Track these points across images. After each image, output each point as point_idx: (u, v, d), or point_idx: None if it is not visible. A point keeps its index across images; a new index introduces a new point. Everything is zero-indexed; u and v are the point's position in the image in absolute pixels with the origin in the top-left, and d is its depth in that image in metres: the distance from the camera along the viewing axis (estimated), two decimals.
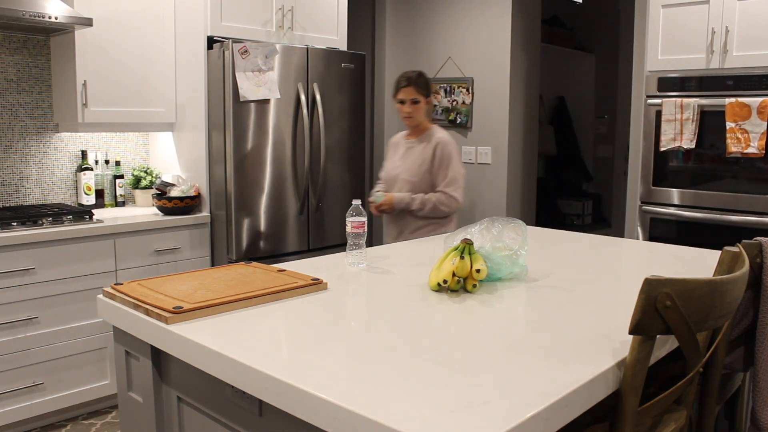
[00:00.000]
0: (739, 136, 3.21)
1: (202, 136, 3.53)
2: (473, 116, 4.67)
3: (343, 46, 4.02)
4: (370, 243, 3.05)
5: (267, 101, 3.49)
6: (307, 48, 3.65)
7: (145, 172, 3.76)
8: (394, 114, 5.13)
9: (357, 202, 2.15)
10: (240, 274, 1.89)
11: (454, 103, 4.74)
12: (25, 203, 3.47)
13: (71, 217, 3.13)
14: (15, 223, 2.95)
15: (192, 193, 3.49)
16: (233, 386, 1.34)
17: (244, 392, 1.31)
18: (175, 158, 3.75)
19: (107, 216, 3.36)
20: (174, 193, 3.44)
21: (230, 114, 3.37)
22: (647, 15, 3.62)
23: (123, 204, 3.75)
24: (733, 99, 3.23)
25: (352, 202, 2.15)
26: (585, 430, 1.37)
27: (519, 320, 1.62)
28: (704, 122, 3.37)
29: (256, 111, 3.46)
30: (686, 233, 3.49)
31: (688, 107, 3.38)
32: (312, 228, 3.77)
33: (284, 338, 1.44)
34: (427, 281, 1.90)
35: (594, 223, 5.92)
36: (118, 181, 3.72)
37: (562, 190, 6.02)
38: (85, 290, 3.11)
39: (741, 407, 2.01)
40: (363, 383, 1.18)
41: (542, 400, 1.10)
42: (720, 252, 1.51)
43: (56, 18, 2.99)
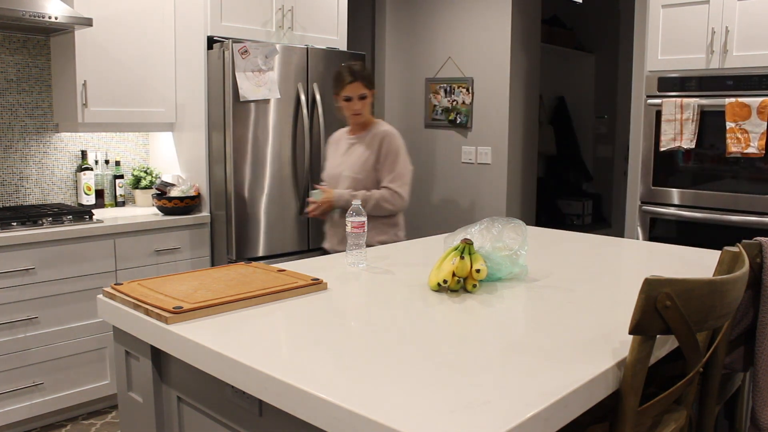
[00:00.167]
0: (739, 136, 3.21)
1: (202, 136, 3.53)
2: (473, 116, 4.67)
3: (343, 46, 4.02)
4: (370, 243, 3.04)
5: (267, 101, 3.49)
6: (307, 48, 3.65)
7: (145, 172, 3.76)
8: (395, 114, 5.13)
9: (357, 202, 2.15)
10: (240, 274, 1.89)
11: (454, 103, 4.74)
12: (25, 203, 3.47)
13: (71, 217, 3.13)
14: (15, 223, 2.95)
15: (192, 193, 3.49)
16: (233, 386, 1.34)
17: (244, 392, 1.31)
18: (175, 158, 3.75)
19: (107, 216, 3.36)
20: (174, 193, 3.44)
21: (230, 114, 3.37)
22: (647, 15, 3.62)
23: (123, 204, 3.75)
24: (733, 99, 3.23)
25: (353, 202, 2.15)
26: (585, 430, 1.37)
27: (519, 320, 1.62)
28: (704, 122, 3.37)
29: (256, 111, 3.46)
30: (686, 233, 3.49)
31: (688, 107, 3.38)
32: (312, 228, 3.77)
33: (284, 338, 1.44)
34: (427, 281, 1.90)
35: (594, 223, 5.92)
36: (118, 181, 3.72)
37: (562, 190, 6.02)
38: (85, 290, 3.11)
39: (741, 407, 2.01)
40: (363, 383, 1.18)
41: (542, 400, 1.10)
42: (720, 252, 1.51)
43: (56, 18, 2.99)
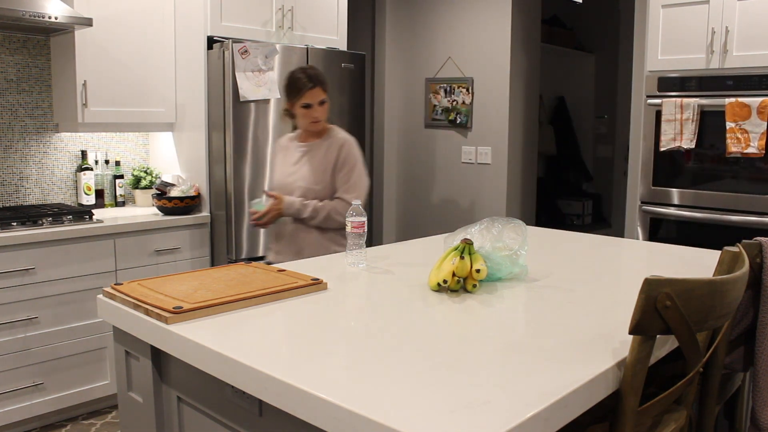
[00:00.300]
0: (739, 136, 3.21)
1: (202, 136, 3.53)
2: (473, 116, 4.67)
3: (343, 46, 4.02)
4: (370, 243, 3.04)
5: (267, 101, 3.49)
6: (307, 48, 3.64)
7: (145, 172, 3.76)
8: (394, 114, 5.13)
9: (357, 202, 2.14)
10: (240, 274, 1.89)
11: (454, 103, 4.74)
12: (25, 203, 3.47)
13: (71, 217, 3.13)
14: (15, 223, 2.95)
15: (192, 193, 3.49)
16: (233, 386, 1.34)
17: (244, 392, 1.31)
18: (175, 158, 3.75)
19: (107, 216, 3.36)
20: (174, 193, 3.44)
21: (230, 114, 3.37)
22: (647, 15, 3.62)
23: (123, 204, 3.75)
24: (733, 99, 3.23)
25: (353, 202, 2.15)
26: (585, 430, 1.37)
27: (519, 320, 1.62)
28: (704, 122, 3.37)
29: (256, 111, 3.46)
30: (686, 233, 3.49)
31: (688, 107, 3.38)
32: None
33: (284, 338, 1.44)
34: (427, 281, 1.90)
35: (594, 223, 5.92)
36: (118, 181, 3.72)
37: (562, 190, 6.02)
38: (85, 290, 3.11)
39: (741, 407, 2.01)
40: (363, 383, 1.18)
41: (542, 400, 1.10)
42: (720, 252, 1.51)
43: (56, 18, 2.99)
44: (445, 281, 1.77)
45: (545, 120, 5.95)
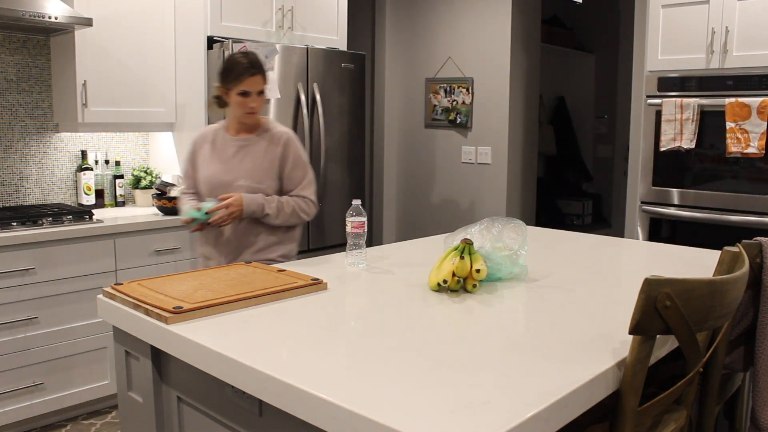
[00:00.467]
0: (739, 136, 3.21)
1: None
2: (473, 116, 4.67)
3: (343, 46, 4.02)
4: (370, 243, 3.04)
5: (267, 101, 3.49)
6: (307, 48, 3.64)
7: (145, 172, 3.76)
8: (394, 114, 5.13)
9: (357, 202, 2.14)
10: (240, 274, 1.89)
11: (454, 103, 4.74)
12: (25, 203, 3.47)
13: (71, 217, 3.13)
14: (15, 223, 2.95)
15: None
16: (233, 386, 1.34)
17: (244, 392, 1.31)
18: (175, 158, 3.75)
19: (107, 216, 3.35)
20: (174, 193, 3.44)
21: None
22: (647, 15, 3.62)
23: (123, 204, 3.75)
24: (733, 99, 3.23)
25: (352, 202, 2.15)
26: (585, 430, 1.37)
27: (519, 320, 1.62)
28: (704, 122, 3.37)
29: None
30: (686, 233, 3.49)
31: (688, 107, 3.38)
32: (312, 228, 3.77)
33: (284, 338, 1.44)
34: (427, 281, 1.90)
35: (594, 223, 5.92)
36: (118, 181, 3.72)
37: (562, 190, 6.02)
38: (85, 290, 3.11)
39: (741, 407, 2.01)
40: (363, 383, 1.18)
41: (542, 400, 1.10)
42: (720, 252, 1.51)
43: (56, 18, 2.99)
44: (445, 281, 1.77)
45: (545, 120, 5.95)
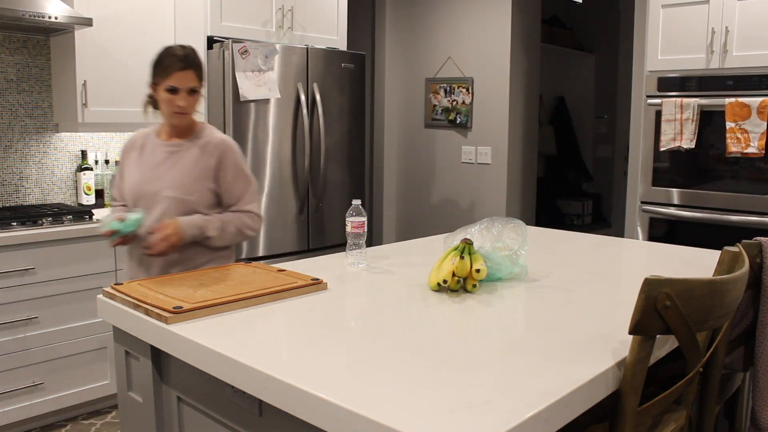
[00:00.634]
0: (739, 136, 3.21)
1: None
2: (473, 116, 4.67)
3: (343, 46, 4.02)
4: (370, 243, 3.04)
5: (267, 101, 3.49)
6: (307, 48, 3.65)
7: None
8: (394, 114, 5.13)
9: (357, 202, 2.14)
10: (240, 274, 1.89)
11: (454, 103, 4.74)
12: (25, 203, 3.47)
13: (71, 217, 3.13)
14: (15, 223, 2.95)
15: None
16: (233, 386, 1.34)
17: (244, 392, 1.31)
18: None
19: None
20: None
21: (230, 114, 3.37)
22: (647, 15, 3.62)
23: None
24: (733, 99, 3.23)
25: (352, 202, 2.14)
26: (585, 430, 1.37)
27: (519, 320, 1.62)
28: (704, 122, 3.37)
29: (256, 111, 3.46)
30: (686, 233, 3.49)
31: (688, 107, 3.38)
32: (312, 228, 3.77)
33: (284, 338, 1.44)
34: (427, 281, 1.90)
35: (594, 223, 5.92)
36: None
37: (562, 190, 6.02)
38: (85, 290, 3.11)
39: (741, 407, 2.01)
40: (363, 383, 1.18)
41: (542, 400, 1.10)
42: (720, 252, 1.51)
43: (56, 18, 2.99)
44: (445, 281, 1.77)
45: (545, 120, 5.95)
